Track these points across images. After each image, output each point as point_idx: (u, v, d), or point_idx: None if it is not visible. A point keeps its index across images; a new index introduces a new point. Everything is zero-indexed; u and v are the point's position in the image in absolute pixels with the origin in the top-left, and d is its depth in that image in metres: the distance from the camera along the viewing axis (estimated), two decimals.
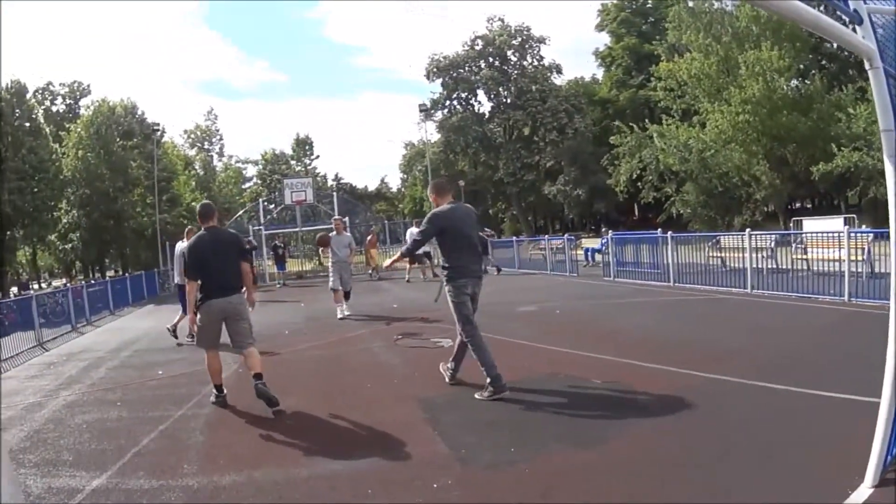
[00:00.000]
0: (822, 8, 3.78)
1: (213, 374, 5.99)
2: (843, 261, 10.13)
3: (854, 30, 2.77)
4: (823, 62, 34.27)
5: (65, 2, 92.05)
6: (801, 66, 31.94)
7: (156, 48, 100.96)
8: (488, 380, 5.39)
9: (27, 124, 34.54)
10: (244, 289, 5.96)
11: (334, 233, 12.08)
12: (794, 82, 31.71)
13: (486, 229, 25.86)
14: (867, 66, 2.71)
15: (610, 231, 17.86)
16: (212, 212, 6.08)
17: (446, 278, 5.65)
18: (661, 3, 43.54)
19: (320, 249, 17.11)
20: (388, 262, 6.96)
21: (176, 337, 10.25)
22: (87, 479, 4.28)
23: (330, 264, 11.90)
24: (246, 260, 6.05)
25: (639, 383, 5.53)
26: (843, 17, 2.81)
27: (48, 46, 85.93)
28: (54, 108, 46.33)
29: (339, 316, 11.56)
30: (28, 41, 79.84)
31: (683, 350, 6.90)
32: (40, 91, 44.84)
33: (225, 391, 6.08)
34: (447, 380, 5.99)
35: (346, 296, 11.89)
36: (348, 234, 12.66)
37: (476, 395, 5.45)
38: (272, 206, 31.49)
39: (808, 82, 32.58)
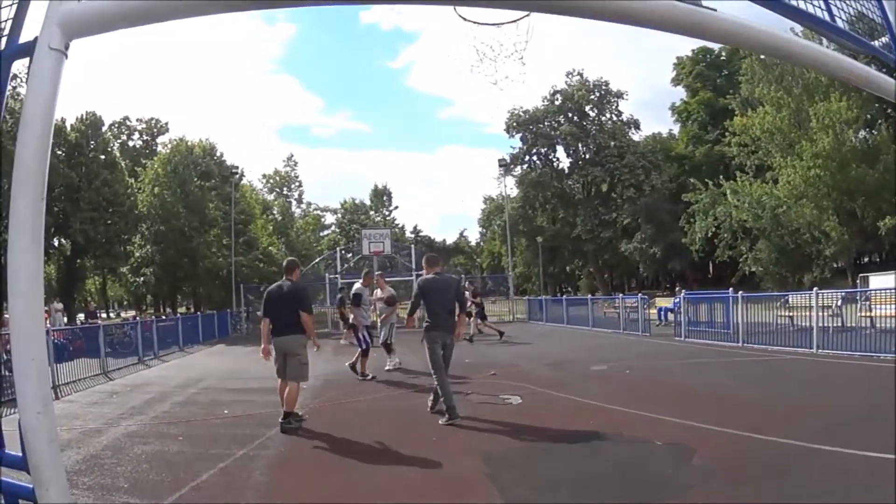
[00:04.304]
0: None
1: (281, 399, 6.82)
2: None
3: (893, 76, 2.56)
4: (889, 111, 33.00)
5: (150, 43, 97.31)
6: (868, 116, 30.98)
7: (239, 94, 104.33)
8: (446, 408, 6.76)
9: (102, 157, 35.49)
10: (302, 332, 6.96)
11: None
12: (861, 133, 31.03)
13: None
14: None
15: (683, 290, 17.42)
16: (294, 268, 7.40)
17: (425, 330, 7.03)
18: (734, 55, 43.04)
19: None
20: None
21: (365, 376, 10.42)
22: None
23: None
24: (305, 310, 7.02)
25: (700, 445, 5.37)
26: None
27: (131, 85, 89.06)
28: (130, 143, 48.74)
29: (388, 367, 11.29)
30: (109, 78, 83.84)
31: (745, 412, 6.70)
32: (116, 125, 47.10)
33: (292, 423, 6.59)
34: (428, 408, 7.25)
35: (387, 348, 11.47)
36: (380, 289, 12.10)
37: (440, 421, 6.66)
38: (349, 254, 31.71)
39: (875, 132, 31.74)
